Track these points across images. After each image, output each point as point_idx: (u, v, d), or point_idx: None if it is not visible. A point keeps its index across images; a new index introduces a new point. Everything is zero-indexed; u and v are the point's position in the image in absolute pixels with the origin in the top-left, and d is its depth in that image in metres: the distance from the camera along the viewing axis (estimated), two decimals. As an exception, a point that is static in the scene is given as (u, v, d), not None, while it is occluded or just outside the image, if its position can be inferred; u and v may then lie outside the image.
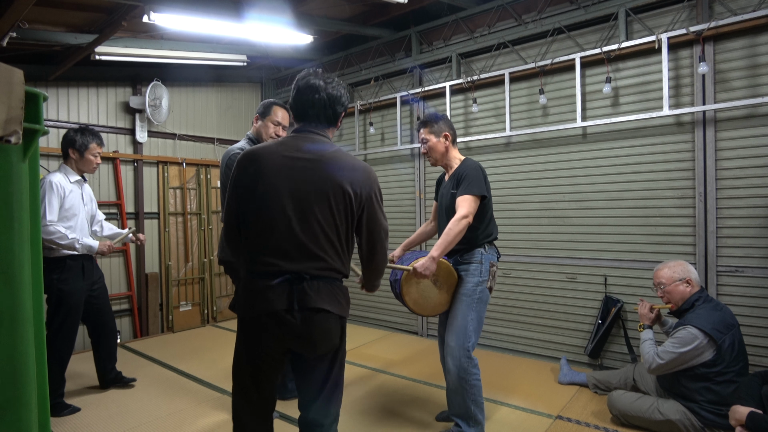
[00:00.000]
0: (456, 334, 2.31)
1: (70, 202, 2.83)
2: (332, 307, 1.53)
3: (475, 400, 2.31)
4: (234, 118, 5.55)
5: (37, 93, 1.01)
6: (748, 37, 2.88)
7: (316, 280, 1.51)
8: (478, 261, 2.34)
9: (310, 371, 1.60)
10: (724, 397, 2.20)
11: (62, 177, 2.85)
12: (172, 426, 2.66)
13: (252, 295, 1.51)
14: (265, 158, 1.53)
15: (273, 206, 1.50)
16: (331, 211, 1.52)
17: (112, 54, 3.93)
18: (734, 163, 2.93)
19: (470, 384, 2.29)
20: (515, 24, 3.84)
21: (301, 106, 1.61)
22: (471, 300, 2.32)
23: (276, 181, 1.51)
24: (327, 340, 1.55)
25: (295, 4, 3.70)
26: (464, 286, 2.34)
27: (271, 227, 1.50)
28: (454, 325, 2.33)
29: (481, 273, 2.33)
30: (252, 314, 1.51)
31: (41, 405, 1.05)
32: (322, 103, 1.59)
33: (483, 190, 2.29)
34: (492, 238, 2.42)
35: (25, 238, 0.97)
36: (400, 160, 4.60)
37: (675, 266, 2.46)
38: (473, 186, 2.27)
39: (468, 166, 2.38)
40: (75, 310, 2.85)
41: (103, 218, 3.24)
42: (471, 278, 2.33)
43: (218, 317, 5.16)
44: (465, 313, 2.31)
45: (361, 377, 3.36)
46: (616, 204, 3.35)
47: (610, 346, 3.37)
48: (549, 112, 3.66)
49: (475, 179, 2.29)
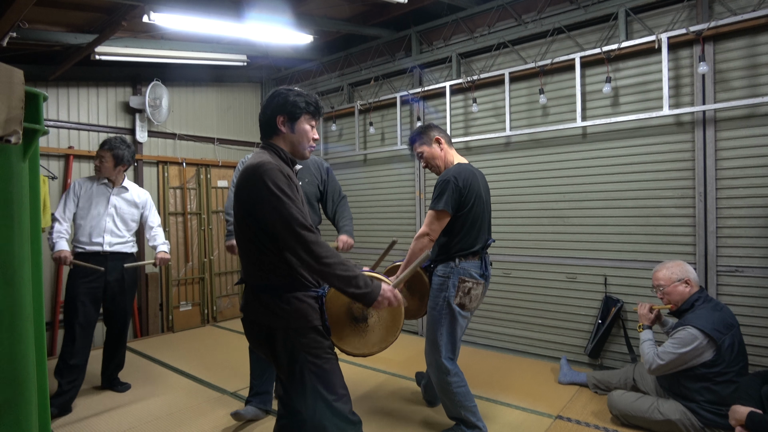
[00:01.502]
0: (429, 347, 2.34)
1: (84, 202, 2.99)
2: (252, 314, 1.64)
3: (464, 406, 2.31)
4: (234, 118, 5.55)
5: (37, 93, 1.02)
6: (748, 37, 2.88)
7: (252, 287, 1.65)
8: (444, 275, 2.29)
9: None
10: (724, 397, 2.20)
11: (88, 179, 3.06)
12: (172, 426, 2.66)
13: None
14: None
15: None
16: (241, 215, 1.61)
17: (112, 54, 3.93)
18: (734, 163, 2.93)
19: (452, 392, 2.30)
20: (515, 24, 3.84)
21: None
22: (438, 314, 2.30)
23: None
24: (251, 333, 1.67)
25: (295, 4, 3.70)
26: (430, 299, 2.35)
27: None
28: (427, 338, 2.36)
29: (446, 288, 2.27)
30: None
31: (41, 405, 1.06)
32: (262, 120, 1.71)
33: (447, 205, 2.17)
34: (469, 251, 2.26)
35: (25, 238, 0.97)
36: (399, 160, 4.60)
37: (673, 267, 2.46)
38: (438, 200, 2.20)
39: (444, 175, 2.25)
40: (76, 307, 2.90)
41: (156, 225, 3.27)
42: (434, 292, 2.33)
43: (218, 317, 5.16)
44: (434, 327, 2.31)
45: (361, 377, 3.36)
46: (616, 204, 3.34)
47: (610, 346, 3.36)
48: (549, 112, 3.66)
49: (442, 192, 2.19)
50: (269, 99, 1.69)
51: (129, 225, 3.14)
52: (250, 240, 1.58)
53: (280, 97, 1.67)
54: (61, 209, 2.92)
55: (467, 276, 2.26)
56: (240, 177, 1.58)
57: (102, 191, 3.04)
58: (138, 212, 3.19)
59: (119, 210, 3.08)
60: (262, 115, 1.70)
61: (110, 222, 3.03)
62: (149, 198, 3.28)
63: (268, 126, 1.70)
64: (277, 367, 1.61)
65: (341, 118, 5.05)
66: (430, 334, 2.33)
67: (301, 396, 1.58)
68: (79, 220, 2.98)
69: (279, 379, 1.66)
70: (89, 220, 2.97)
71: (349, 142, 4.98)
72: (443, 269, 2.30)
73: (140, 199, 3.21)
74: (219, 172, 5.27)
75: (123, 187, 3.12)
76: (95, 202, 3.00)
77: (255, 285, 1.60)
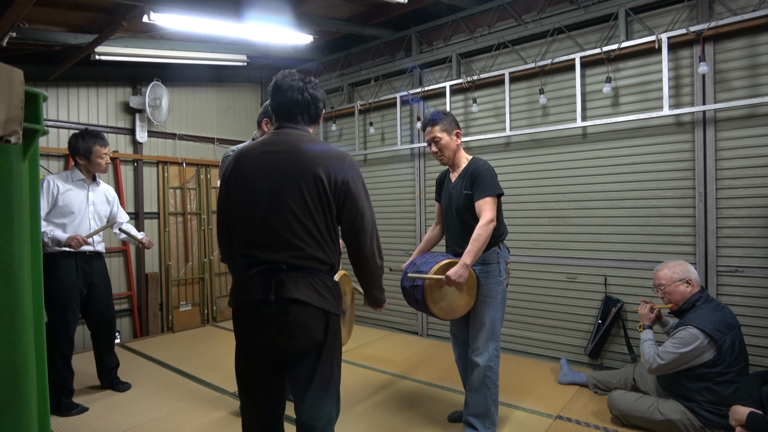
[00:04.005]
0: (485, 336, 2.32)
1: (65, 200, 2.86)
2: (311, 299, 1.49)
3: (495, 401, 2.35)
4: (234, 118, 5.55)
5: (37, 93, 1.01)
6: (748, 37, 2.88)
7: (295, 270, 1.50)
8: (495, 261, 2.34)
9: (295, 367, 1.58)
10: (724, 397, 2.20)
11: (60, 178, 2.90)
12: (172, 426, 2.66)
13: (235, 286, 1.58)
14: (246, 156, 1.59)
15: (250, 199, 1.54)
16: (303, 197, 1.50)
17: (112, 54, 3.93)
18: (734, 163, 2.93)
19: (495, 384, 2.33)
20: (515, 24, 3.84)
21: (284, 105, 1.62)
22: (495, 301, 2.33)
23: (254, 175, 1.55)
24: (304, 333, 1.50)
25: (295, 4, 3.70)
26: (487, 288, 2.34)
27: (249, 219, 1.53)
28: (482, 327, 2.33)
29: (500, 272, 2.35)
30: (236, 303, 1.57)
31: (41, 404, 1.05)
32: (305, 103, 1.62)
33: (500, 188, 2.29)
34: (505, 236, 2.43)
35: (25, 238, 0.97)
36: (400, 160, 4.60)
37: (675, 266, 2.46)
38: (493, 187, 2.25)
39: (481, 165, 2.33)
40: (68, 307, 2.85)
41: (126, 220, 3.25)
42: (492, 279, 2.33)
43: (218, 317, 5.16)
44: (491, 315, 2.32)
45: (361, 377, 3.36)
46: (616, 204, 3.34)
47: (610, 346, 3.36)
48: (549, 112, 3.66)
49: (491, 179, 2.27)
50: (317, 86, 1.66)
51: (104, 222, 3.09)
52: (321, 220, 1.53)
53: (322, 90, 1.70)
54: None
55: (508, 258, 2.42)
56: (328, 154, 1.54)
57: (80, 188, 2.96)
58: (109, 209, 3.15)
59: (97, 207, 3.04)
60: (313, 100, 1.63)
61: (93, 220, 2.98)
62: (115, 193, 3.25)
63: (316, 114, 1.67)
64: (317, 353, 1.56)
65: (341, 118, 5.05)
66: (486, 323, 2.31)
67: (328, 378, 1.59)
68: (62, 219, 2.85)
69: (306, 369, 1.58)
70: (72, 218, 2.88)
71: (349, 142, 4.98)
72: (491, 256, 2.34)
73: (110, 195, 3.16)
74: (218, 172, 5.27)
75: (96, 183, 3.07)
76: (76, 201, 2.91)
77: (299, 266, 1.51)
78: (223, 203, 1.63)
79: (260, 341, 1.55)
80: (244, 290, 1.53)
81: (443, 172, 2.59)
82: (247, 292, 1.52)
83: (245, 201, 1.55)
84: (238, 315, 1.58)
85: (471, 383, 2.36)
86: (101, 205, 3.07)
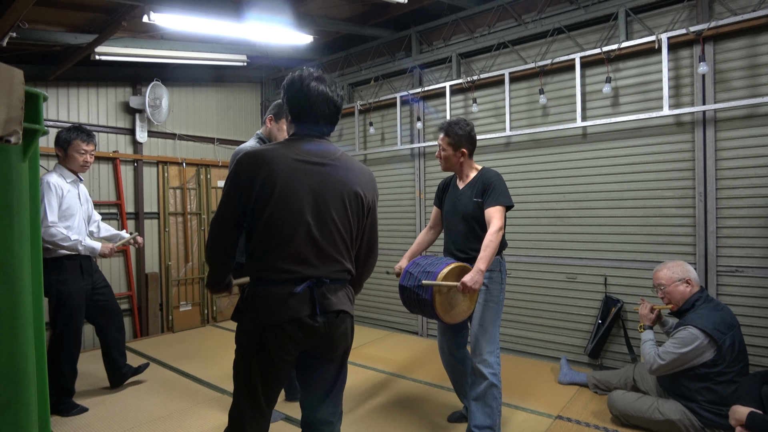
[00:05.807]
0: (488, 343, 2.32)
1: (68, 202, 2.81)
2: (349, 309, 1.60)
3: (500, 410, 2.35)
4: (234, 118, 5.55)
5: (37, 93, 1.02)
6: (748, 37, 2.88)
7: (334, 282, 1.55)
8: (498, 269, 2.39)
9: (323, 371, 1.61)
10: (724, 397, 2.20)
11: (58, 177, 2.83)
12: (172, 426, 2.66)
13: (271, 304, 1.46)
14: (278, 164, 1.46)
15: (292, 212, 1.46)
16: (347, 214, 1.56)
17: (112, 54, 3.93)
18: (734, 163, 2.93)
19: (499, 390, 2.32)
20: (515, 24, 3.84)
21: (308, 107, 1.53)
22: (497, 307, 2.37)
23: (294, 185, 1.46)
24: (344, 340, 1.60)
25: (295, 4, 3.70)
26: (490, 294, 2.36)
27: (291, 233, 1.46)
28: (485, 334, 2.33)
29: (502, 280, 2.40)
30: (273, 322, 1.46)
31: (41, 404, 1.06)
32: (335, 108, 1.58)
33: (511, 201, 2.34)
34: (505, 248, 2.49)
35: (25, 238, 0.97)
36: (399, 160, 4.60)
37: (674, 266, 2.46)
38: (503, 197, 2.32)
39: (492, 175, 2.39)
40: (77, 309, 2.84)
41: (100, 219, 3.22)
42: (495, 285, 2.37)
43: (218, 317, 5.16)
44: (493, 320, 2.35)
45: (361, 377, 3.36)
46: (616, 204, 3.35)
47: (610, 346, 3.36)
48: (549, 112, 3.66)
49: (504, 190, 2.34)
50: (336, 85, 1.60)
51: (90, 222, 3.08)
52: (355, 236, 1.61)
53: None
54: (53, 213, 2.70)
55: (505, 267, 2.50)
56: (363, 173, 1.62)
57: (74, 188, 2.90)
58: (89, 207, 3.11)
59: (86, 207, 3.01)
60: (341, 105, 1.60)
61: (83, 220, 2.94)
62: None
63: (337, 120, 1.63)
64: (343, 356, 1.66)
65: (341, 118, 5.04)
66: (488, 329, 2.32)
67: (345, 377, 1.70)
68: (66, 222, 2.78)
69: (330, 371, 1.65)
70: (73, 221, 2.82)
71: (349, 142, 4.98)
72: (495, 263, 2.38)
73: (87, 193, 3.12)
74: (219, 172, 5.27)
75: (81, 181, 3.02)
76: (74, 201, 2.85)
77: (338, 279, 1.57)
78: (237, 202, 1.49)
79: (293, 355, 1.51)
80: (285, 308, 1.45)
81: (448, 177, 2.61)
82: (290, 309, 1.45)
83: (284, 212, 1.46)
84: (270, 335, 1.46)
85: (476, 393, 2.33)
86: (86, 204, 3.04)
